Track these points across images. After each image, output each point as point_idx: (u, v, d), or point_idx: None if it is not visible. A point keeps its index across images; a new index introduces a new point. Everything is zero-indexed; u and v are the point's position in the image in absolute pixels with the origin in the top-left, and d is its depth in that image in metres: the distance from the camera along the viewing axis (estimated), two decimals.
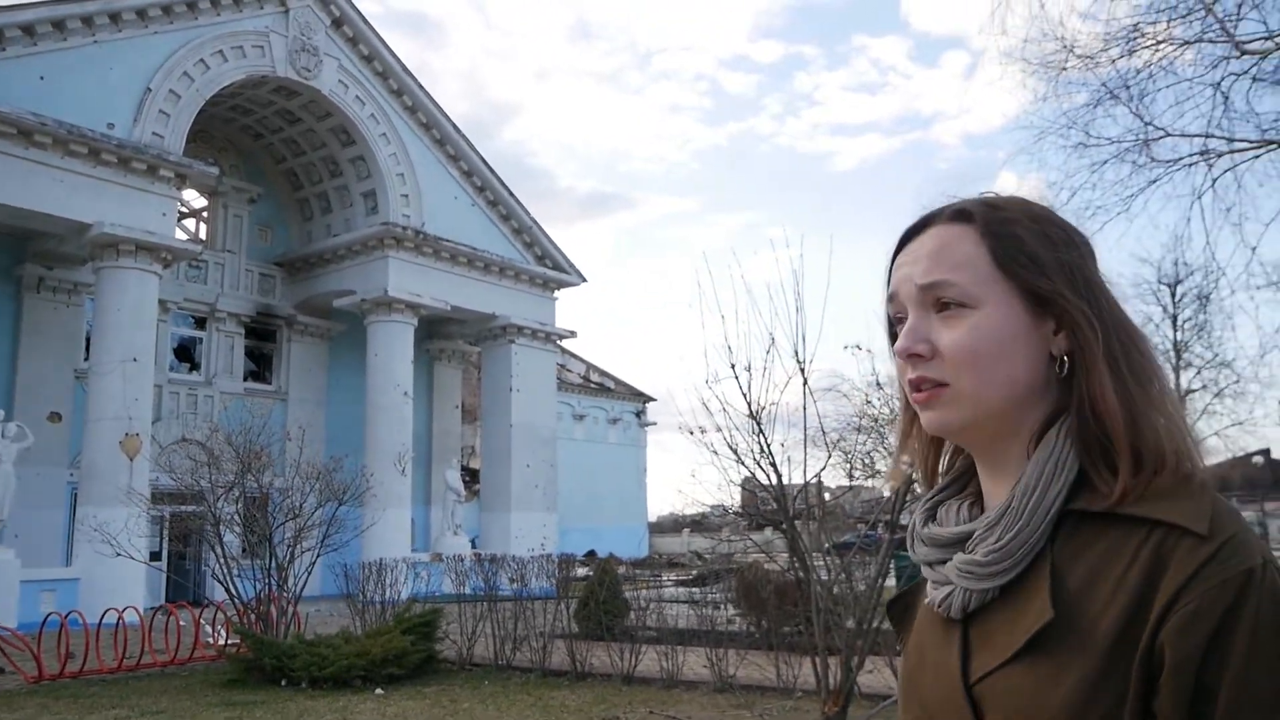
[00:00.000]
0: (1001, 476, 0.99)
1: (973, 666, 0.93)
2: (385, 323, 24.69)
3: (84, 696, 9.57)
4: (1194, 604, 0.81)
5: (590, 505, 38.44)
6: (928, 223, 1.03)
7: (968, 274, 0.96)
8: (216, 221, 25.98)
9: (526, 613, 11.38)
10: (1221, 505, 0.88)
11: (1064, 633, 0.86)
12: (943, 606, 0.98)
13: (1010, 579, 0.93)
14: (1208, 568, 0.82)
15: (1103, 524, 0.90)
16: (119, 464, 18.40)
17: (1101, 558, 0.89)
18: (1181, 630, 0.81)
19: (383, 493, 21.31)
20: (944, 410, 0.97)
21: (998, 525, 0.94)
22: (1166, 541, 0.85)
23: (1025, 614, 0.90)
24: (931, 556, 1.01)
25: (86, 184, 18.84)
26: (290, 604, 11.92)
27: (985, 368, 0.95)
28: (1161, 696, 0.81)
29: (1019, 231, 0.98)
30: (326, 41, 24.07)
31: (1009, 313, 0.96)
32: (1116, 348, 0.94)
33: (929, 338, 0.97)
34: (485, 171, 27.43)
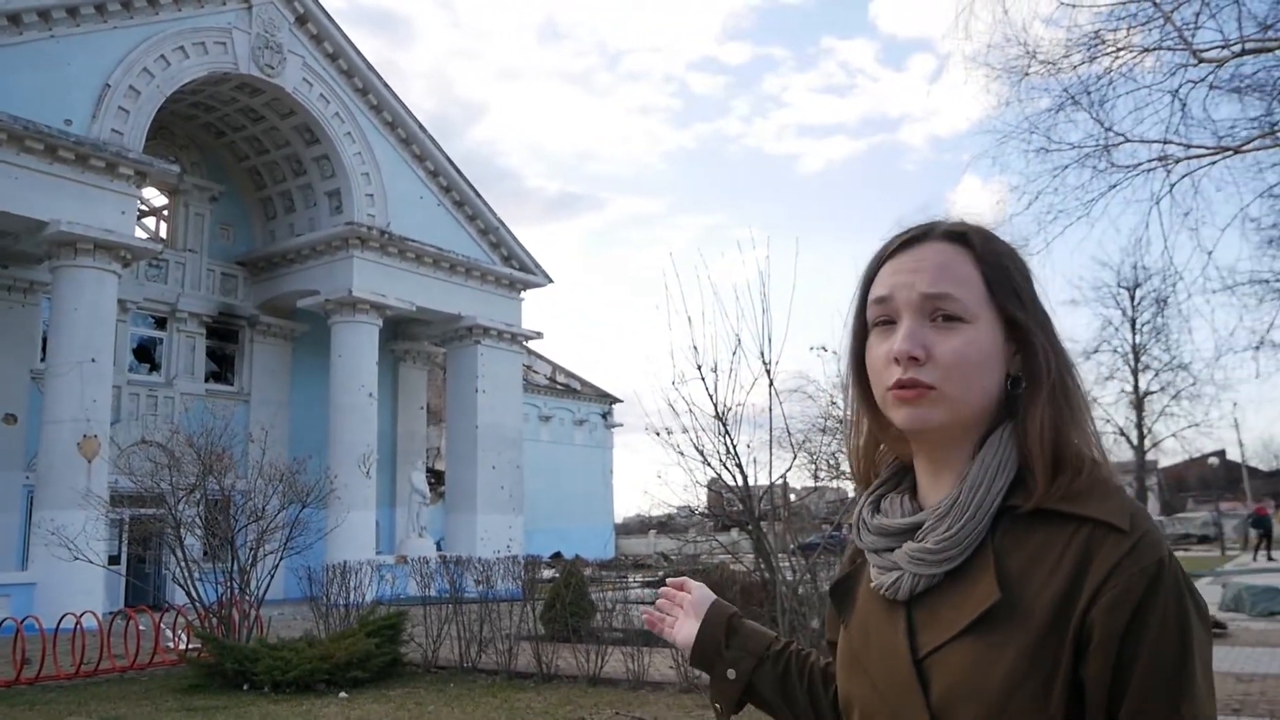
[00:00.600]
0: (943, 474, 1.12)
1: (919, 643, 1.05)
2: (350, 323, 24.50)
3: (41, 703, 9.41)
4: (1119, 588, 0.96)
5: (556, 507, 38.36)
6: (922, 235, 1.13)
7: (967, 292, 1.08)
8: (177, 220, 25.64)
9: (492, 615, 11.33)
10: (1137, 506, 1.03)
11: (1007, 612, 1.00)
12: (890, 590, 1.10)
13: (956, 565, 1.05)
14: (1128, 558, 0.97)
15: (1038, 519, 1.03)
16: (76, 466, 18.11)
17: (1038, 547, 1.02)
18: (1109, 610, 0.95)
19: (347, 495, 21.15)
20: (928, 410, 1.06)
21: (947, 517, 1.06)
22: (1094, 535, 0.99)
23: (971, 595, 1.03)
24: (879, 544, 1.13)
25: (43, 181, 18.52)
26: (253, 607, 11.80)
27: (970, 377, 1.07)
28: (1090, 664, 0.96)
29: (1006, 264, 1.11)
30: (290, 39, 23.84)
31: (993, 332, 1.08)
32: (1057, 374, 1.08)
33: (926, 344, 1.06)
34: (451, 171, 27.30)
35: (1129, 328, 45.39)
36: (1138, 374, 45.56)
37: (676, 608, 1.48)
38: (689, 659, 1.44)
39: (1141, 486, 46.53)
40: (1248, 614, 14.65)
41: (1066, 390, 1.08)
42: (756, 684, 1.37)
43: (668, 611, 1.50)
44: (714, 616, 1.43)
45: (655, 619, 1.50)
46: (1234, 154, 9.65)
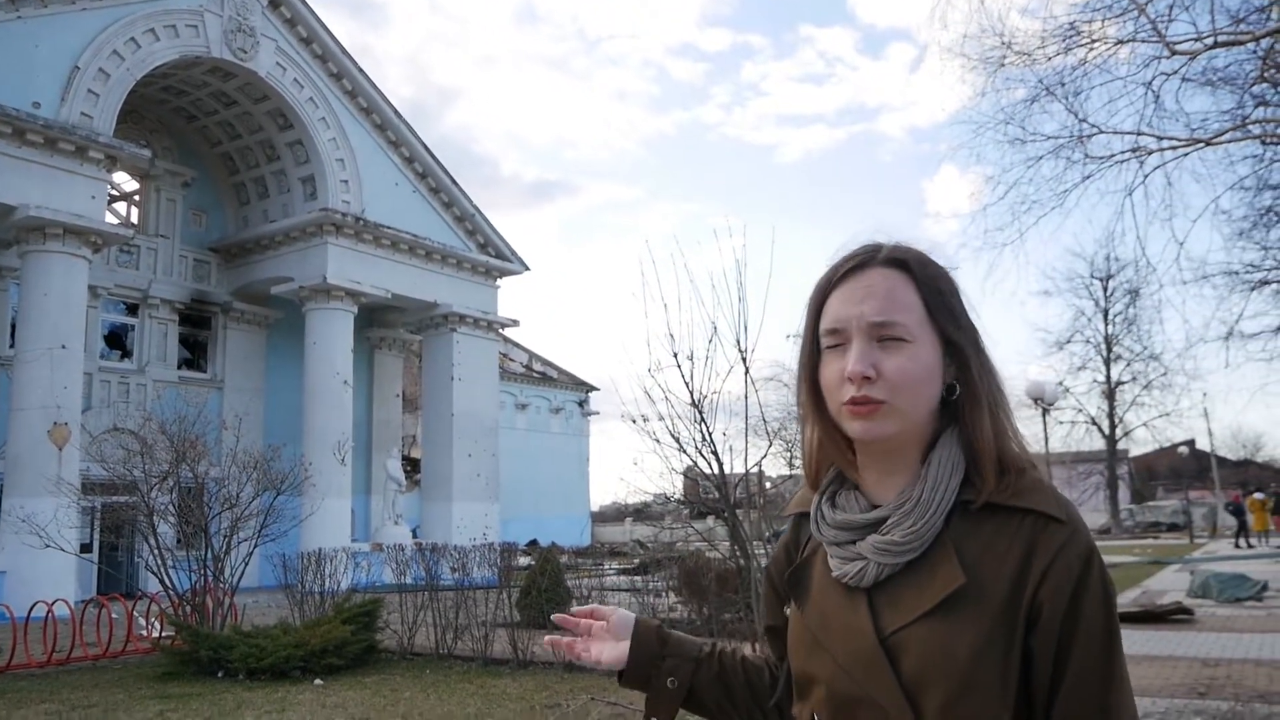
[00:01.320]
0: (893, 475, 1.25)
1: (881, 624, 1.18)
2: (324, 310, 24.34)
3: (12, 691, 9.33)
4: (1062, 573, 1.13)
5: (533, 495, 38.37)
6: (866, 262, 1.25)
7: (910, 316, 1.21)
8: (149, 205, 25.34)
9: (468, 602, 11.33)
10: (1068, 500, 1.20)
11: (968, 594, 1.14)
12: (855, 578, 1.22)
13: (916, 555, 1.18)
14: (1068, 545, 1.14)
15: (986, 512, 1.19)
16: (47, 454, 17.92)
17: (990, 537, 1.17)
18: (1054, 591, 1.12)
19: (322, 482, 21.04)
20: (880, 423, 1.19)
21: (913, 513, 1.19)
22: (1037, 525, 1.16)
23: (934, 581, 1.16)
24: (842, 537, 1.25)
25: (11, 165, 18.26)
26: (227, 595, 11.73)
27: (916, 391, 1.20)
28: (1038, 637, 1.12)
29: (942, 288, 1.25)
30: (263, 22, 23.59)
31: (932, 349, 1.22)
32: (988, 384, 1.24)
33: (876, 364, 1.19)
34: (427, 158, 27.14)
35: (1101, 318, 45.99)
36: (1110, 364, 46.14)
37: (585, 634, 1.51)
38: (623, 679, 1.49)
39: (1112, 475, 47.11)
40: (1214, 600, 14.89)
41: (994, 396, 1.24)
42: (697, 688, 1.44)
43: (576, 632, 1.52)
44: (644, 632, 1.47)
45: (562, 642, 1.52)
46: (1206, 146, 9.76)
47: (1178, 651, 10.08)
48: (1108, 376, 46.17)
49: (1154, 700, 7.56)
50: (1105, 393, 46.41)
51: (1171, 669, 9.03)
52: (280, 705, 8.45)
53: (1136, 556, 27.05)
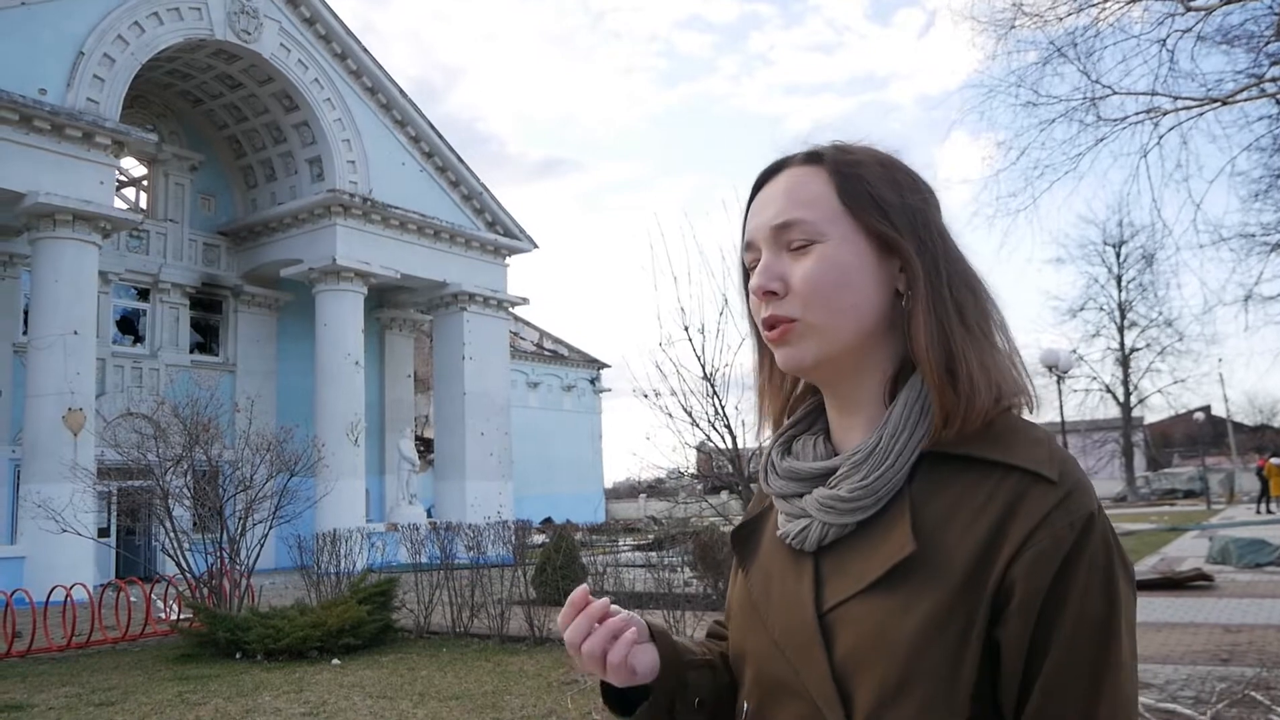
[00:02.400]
0: (853, 413, 1.04)
1: (824, 596, 0.98)
2: (334, 291, 24.31)
3: (33, 675, 9.40)
4: (1044, 544, 0.88)
5: (546, 472, 38.44)
6: (780, 167, 1.06)
7: (816, 211, 1.00)
8: (157, 190, 25.32)
9: (484, 580, 11.35)
10: (1066, 454, 0.95)
11: (920, 565, 0.92)
12: (797, 539, 1.02)
13: (870, 514, 0.97)
14: (1056, 511, 0.89)
15: (960, 465, 0.95)
16: (62, 439, 18.00)
17: (959, 496, 0.94)
18: (1032, 566, 0.88)
19: (335, 463, 21.10)
20: (797, 346, 1.00)
21: (865, 464, 0.98)
22: (1020, 484, 0.91)
23: (883, 547, 0.95)
24: (788, 490, 1.05)
25: (19, 152, 18.22)
26: (243, 577, 11.79)
27: (830, 297, 0.98)
28: (1007, 626, 0.89)
29: (864, 173, 1.02)
30: (266, 3, 23.42)
31: (853, 246, 0.99)
32: (947, 290, 0.99)
33: (782, 275, 1.00)
34: (433, 137, 27.01)
35: (1115, 285, 45.68)
36: (1124, 331, 45.86)
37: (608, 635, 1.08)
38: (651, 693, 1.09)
39: (1128, 442, 46.93)
40: (1234, 565, 14.81)
41: (959, 304, 0.99)
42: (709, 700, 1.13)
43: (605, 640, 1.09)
44: (661, 635, 1.12)
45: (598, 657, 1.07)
46: (1221, 105, 9.60)
47: (1199, 618, 10.02)
48: (1121, 343, 45.91)
49: (1176, 668, 7.51)
50: (1119, 360, 46.16)
51: (1193, 636, 8.98)
52: (298, 685, 8.48)
53: (1154, 524, 26.97)
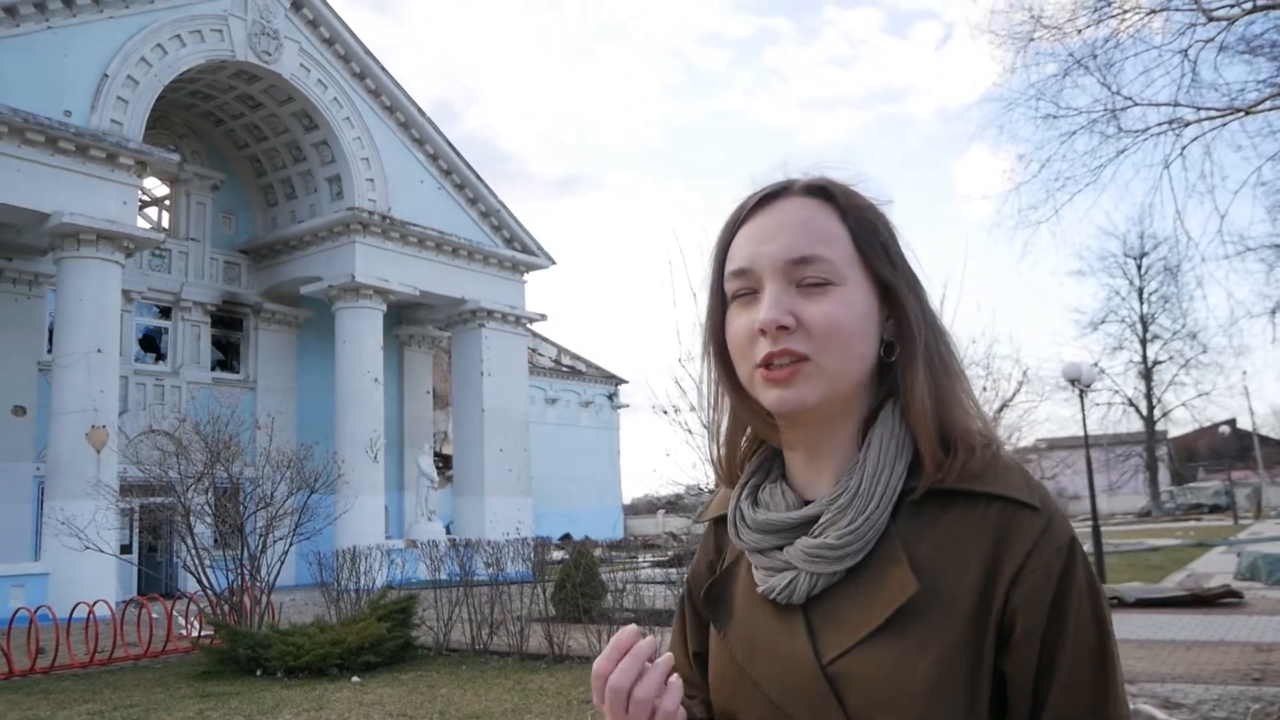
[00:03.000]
0: (823, 459, 1.02)
1: (821, 649, 0.95)
2: (353, 309, 24.45)
3: (56, 691, 9.43)
4: (1038, 571, 0.90)
5: (565, 489, 38.42)
6: (780, 193, 1.02)
7: (835, 251, 0.98)
8: (179, 209, 25.57)
9: (503, 597, 11.33)
10: (1039, 482, 0.96)
11: (926, 604, 0.91)
12: (783, 593, 0.98)
13: (858, 560, 0.96)
14: (1044, 537, 0.91)
15: (941, 500, 0.95)
16: (86, 457, 18.13)
17: (948, 531, 0.94)
18: (1030, 595, 0.90)
19: (355, 480, 21.17)
20: (804, 386, 0.96)
21: (850, 508, 0.96)
22: (1005, 513, 0.93)
23: (882, 590, 0.93)
24: (765, 543, 1.01)
25: (44, 173, 18.46)
26: (264, 594, 11.81)
27: (846, 344, 0.96)
28: (1013, 657, 0.90)
29: (873, 219, 1.01)
30: (286, 24, 23.69)
31: (865, 294, 0.98)
32: (931, 340, 1.00)
33: (794, 311, 0.96)
34: (451, 154, 27.17)
35: (1136, 297, 45.40)
36: (1146, 344, 45.52)
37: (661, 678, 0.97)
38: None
39: (1151, 457, 46.49)
40: (1264, 582, 14.61)
41: (942, 357, 1.01)
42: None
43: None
44: None
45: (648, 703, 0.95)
46: (1245, 115, 9.51)
47: (1229, 636, 9.87)
48: (1144, 356, 45.60)
49: (1207, 687, 7.39)
50: (1142, 373, 45.82)
51: (1224, 654, 8.84)
52: (318, 703, 8.47)
53: (1179, 539, 26.66)
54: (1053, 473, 27.29)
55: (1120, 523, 41.95)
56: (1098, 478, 21.38)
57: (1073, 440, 33.10)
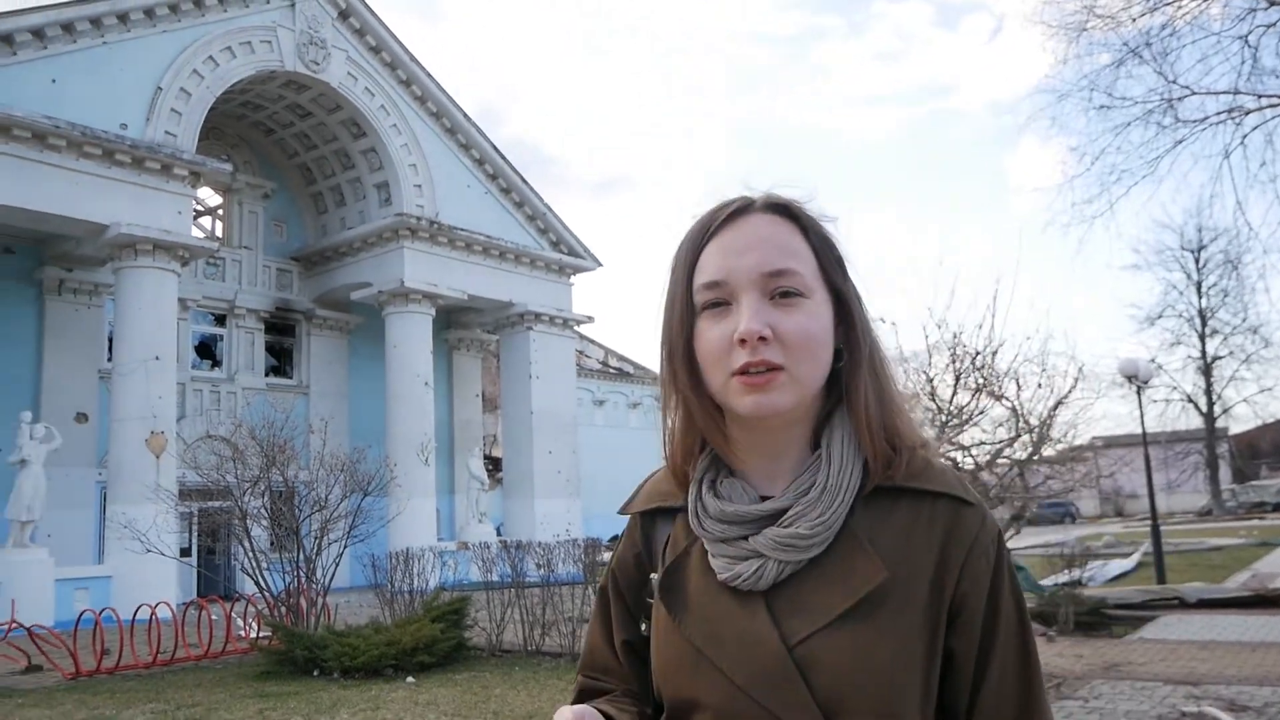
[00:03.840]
0: (779, 458, 1.10)
1: (785, 631, 1.01)
2: (403, 314, 24.72)
3: (120, 691, 9.65)
4: (980, 561, 1.03)
5: (614, 490, 38.22)
6: (745, 209, 1.10)
7: (804, 266, 1.06)
8: (232, 218, 26.05)
9: (554, 598, 11.37)
10: (966, 480, 1.09)
11: (888, 592, 1.00)
12: (749, 580, 1.04)
13: (821, 550, 1.03)
14: (981, 530, 1.04)
15: (890, 497, 1.05)
16: (146, 462, 18.53)
17: (902, 525, 1.04)
18: (975, 580, 1.02)
19: (407, 482, 21.38)
20: (779, 393, 1.03)
21: (819, 502, 1.04)
22: (951, 509, 1.04)
23: (849, 577, 1.01)
24: (730, 533, 1.07)
25: (102, 185, 18.91)
26: (319, 595, 11.97)
27: (816, 353, 1.05)
28: (961, 635, 1.02)
29: (829, 236, 1.10)
30: (334, 34, 24.03)
31: (827, 306, 1.07)
32: (873, 349, 1.10)
33: (771, 323, 1.02)
34: (497, 159, 27.36)
35: (1194, 291, 44.31)
36: (1205, 339, 44.44)
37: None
38: None
39: (1212, 454, 45.38)
40: None
41: (881, 362, 1.10)
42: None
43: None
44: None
45: None
46: None
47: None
48: (1203, 352, 44.51)
49: (1275, 689, 7.21)
50: (1201, 368, 44.74)
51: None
52: (374, 703, 8.57)
53: (1243, 539, 26.01)
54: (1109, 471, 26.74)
55: (1180, 522, 41.04)
56: (1156, 476, 20.94)
57: (1130, 438, 32.45)
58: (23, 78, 18.26)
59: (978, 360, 9.11)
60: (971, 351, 9.08)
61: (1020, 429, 10.25)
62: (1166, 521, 31.66)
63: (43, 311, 21.29)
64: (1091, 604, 11.32)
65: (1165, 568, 15.93)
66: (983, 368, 9.13)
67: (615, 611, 1.22)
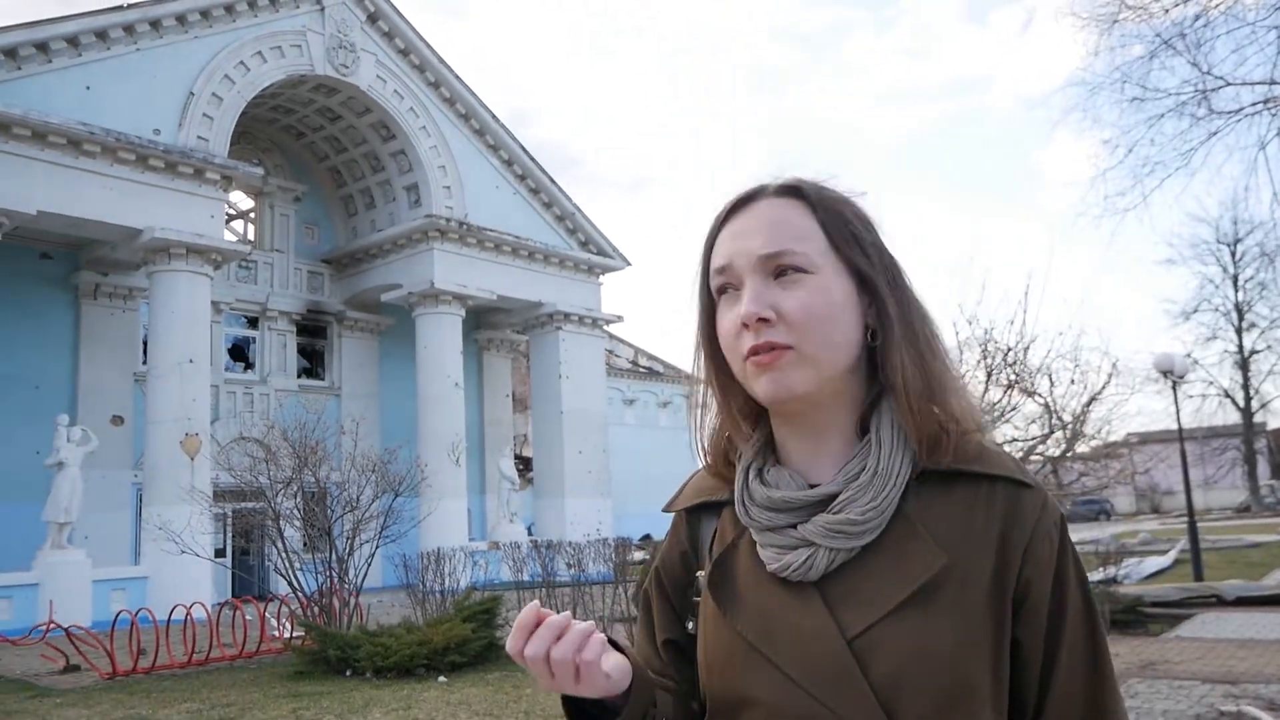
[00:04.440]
0: (822, 444, 1.07)
1: (842, 623, 0.98)
2: (433, 314, 24.85)
3: (156, 691, 9.76)
4: (1044, 545, 0.99)
5: (644, 489, 38.40)
6: (755, 195, 1.09)
7: (806, 244, 1.04)
8: (263, 221, 26.31)
9: (584, 597, 11.40)
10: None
11: (950, 577, 0.97)
12: (800, 570, 1.01)
13: (874, 536, 1.00)
14: (1043, 513, 1.00)
15: (946, 481, 1.02)
16: (180, 464, 18.75)
17: (959, 510, 1.00)
18: (1039, 568, 0.99)
19: (438, 483, 21.48)
20: (789, 373, 1.01)
21: (870, 487, 1.01)
22: (1010, 492, 1.00)
23: (906, 564, 0.98)
24: (778, 521, 1.04)
25: (135, 190, 19.15)
26: (352, 595, 12.06)
27: (825, 329, 1.01)
28: (1028, 622, 0.98)
29: (844, 211, 1.07)
30: (363, 37, 24.19)
31: (839, 282, 1.04)
32: (912, 323, 1.05)
33: (773, 303, 1.01)
34: (525, 159, 27.43)
35: (1230, 285, 43.64)
36: (1242, 333, 43.77)
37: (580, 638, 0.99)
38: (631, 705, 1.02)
39: (1249, 450, 44.68)
40: None
41: (928, 340, 1.06)
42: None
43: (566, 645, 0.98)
44: (628, 648, 1.07)
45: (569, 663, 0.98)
46: None
47: None
48: (1240, 346, 43.85)
49: None
50: (1238, 363, 44.08)
51: None
52: (407, 703, 8.61)
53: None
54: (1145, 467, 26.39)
55: (1217, 518, 40.42)
56: (1193, 472, 20.64)
57: (1166, 434, 32.01)
58: (58, 85, 18.53)
59: (1009, 356, 9.02)
60: (1003, 347, 9.00)
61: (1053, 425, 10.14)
62: (1203, 518, 31.20)
63: (79, 316, 21.61)
64: (1128, 602, 11.18)
65: (1203, 565, 15.70)
66: (1014, 363, 9.03)
67: (659, 609, 1.21)
